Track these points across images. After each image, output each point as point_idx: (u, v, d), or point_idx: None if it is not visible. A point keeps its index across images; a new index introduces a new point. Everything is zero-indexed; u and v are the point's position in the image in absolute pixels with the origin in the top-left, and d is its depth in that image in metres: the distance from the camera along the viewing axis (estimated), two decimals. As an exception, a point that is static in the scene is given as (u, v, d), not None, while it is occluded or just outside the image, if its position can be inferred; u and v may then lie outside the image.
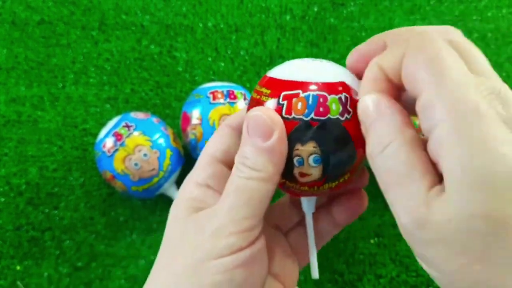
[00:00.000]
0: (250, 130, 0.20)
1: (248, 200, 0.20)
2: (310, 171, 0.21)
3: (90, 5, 0.54)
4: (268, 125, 0.20)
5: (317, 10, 0.54)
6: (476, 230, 0.15)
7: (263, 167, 0.20)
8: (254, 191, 0.20)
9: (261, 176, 0.20)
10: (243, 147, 0.21)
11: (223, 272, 0.19)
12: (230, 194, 0.21)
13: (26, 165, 0.48)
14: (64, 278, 0.44)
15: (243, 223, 0.20)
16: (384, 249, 0.45)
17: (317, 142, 0.20)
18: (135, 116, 0.43)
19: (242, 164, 0.21)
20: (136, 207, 0.47)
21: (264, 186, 0.20)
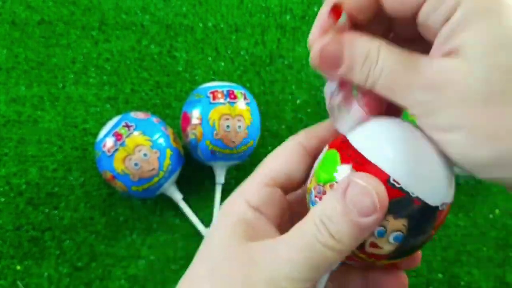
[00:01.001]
0: (349, 197, 0.18)
1: (316, 266, 0.18)
2: (384, 246, 0.19)
3: (90, 5, 0.54)
4: (374, 205, 0.17)
5: (317, 10, 0.54)
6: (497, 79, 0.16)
7: (345, 241, 0.18)
8: (325, 259, 0.18)
9: (339, 249, 0.18)
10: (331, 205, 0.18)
11: None
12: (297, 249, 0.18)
13: (26, 165, 0.48)
14: (64, 278, 0.44)
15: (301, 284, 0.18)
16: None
17: (409, 222, 0.18)
18: (135, 116, 0.43)
19: (323, 225, 0.18)
20: (136, 207, 0.47)
21: (337, 258, 0.18)
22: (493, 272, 0.43)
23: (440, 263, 0.44)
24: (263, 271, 0.18)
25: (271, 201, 0.21)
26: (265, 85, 0.51)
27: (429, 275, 0.43)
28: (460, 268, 0.43)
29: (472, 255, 0.44)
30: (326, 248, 0.18)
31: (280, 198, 0.22)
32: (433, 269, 0.44)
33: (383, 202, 0.18)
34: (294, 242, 0.19)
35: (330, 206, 0.18)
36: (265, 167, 0.22)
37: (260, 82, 0.51)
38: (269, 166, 0.22)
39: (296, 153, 0.22)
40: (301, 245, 0.18)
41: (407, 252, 0.20)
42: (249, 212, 0.21)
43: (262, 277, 0.18)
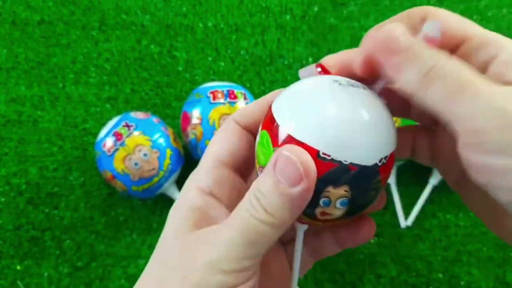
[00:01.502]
0: (277, 169, 0.18)
1: (253, 242, 0.18)
2: (333, 212, 0.20)
3: (90, 5, 0.54)
4: (299, 173, 0.18)
5: (317, 10, 0.54)
6: None
7: (278, 213, 0.18)
8: (261, 234, 0.18)
9: (273, 223, 0.18)
10: (263, 180, 0.18)
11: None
12: (234, 228, 0.19)
13: (26, 165, 0.48)
14: (64, 278, 0.44)
15: (240, 263, 0.18)
16: (384, 249, 0.45)
17: (351, 187, 0.19)
18: (135, 116, 0.43)
19: (256, 200, 0.18)
20: (136, 207, 0.47)
21: (273, 232, 0.18)
22: (493, 272, 0.43)
23: (440, 263, 0.44)
24: (204, 255, 0.19)
25: (222, 183, 0.21)
26: (265, 85, 0.51)
27: (429, 275, 0.43)
28: (460, 268, 0.43)
29: (472, 255, 0.44)
30: (260, 222, 0.18)
31: (231, 179, 0.22)
32: (433, 269, 0.44)
33: (308, 170, 0.18)
34: (231, 221, 0.19)
35: (262, 181, 0.18)
36: (210, 151, 0.22)
37: (260, 82, 0.51)
38: (213, 150, 0.22)
39: (234, 132, 0.22)
40: (237, 223, 0.19)
41: (361, 207, 0.20)
42: (199, 198, 0.21)
43: (204, 260, 0.18)
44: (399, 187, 0.45)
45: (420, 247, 0.44)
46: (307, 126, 0.18)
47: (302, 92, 0.20)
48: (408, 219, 0.45)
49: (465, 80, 0.16)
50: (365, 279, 0.44)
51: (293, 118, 0.19)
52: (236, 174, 0.22)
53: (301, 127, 0.19)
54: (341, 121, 0.18)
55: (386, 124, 0.19)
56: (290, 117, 0.19)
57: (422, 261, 0.44)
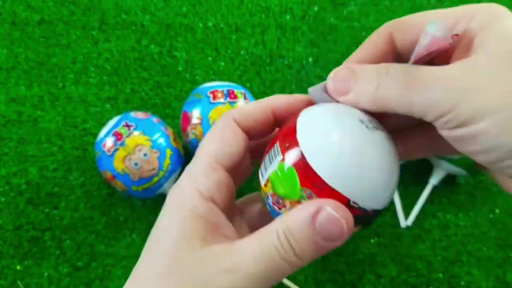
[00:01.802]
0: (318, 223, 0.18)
1: (271, 278, 0.19)
2: None
3: (90, 5, 0.54)
4: (342, 232, 0.18)
5: (317, 9, 0.54)
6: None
7: (308, 258, 0.19)
8: (281, 272, 0.19)
9: (299, 265, 0.19)
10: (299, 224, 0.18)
11: None
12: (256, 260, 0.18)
13: (26, 165, 0.48)
14: (64, 278, 0.44)
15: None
16: (384, 249, 0.45)
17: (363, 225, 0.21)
18: (135, 116, 0.43)
19: (287, 242, 0.18)
20: (136, 206, 0.47)
21: (291, 271, 0.19)
22: (493, 272, 0.43)
23: (440, 263, 0.44)
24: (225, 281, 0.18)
25: (222, 188, 0.21)
26: (265, 85, 0.51)
27: (429, 275, 0.43)
28: (460, 268, 0.43)
29: (472, 255, 0.44)
30: (286, 262, 0.18)
31: (229, 182, 0.22)
32: (433, 269, 0.44)
33: (350, 229, 0.19)
34: (253, 253, 0.19)
35: (298, 227, 0.18)
36: (207, 150, 0.22)
37: (260, 82, 0.51)
38: (211, 149, 0.22)
39: (232, 132, 0.22)
40: (261, 257, 0.18)
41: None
42: (201, 205, 0.20)
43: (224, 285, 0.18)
44: (399, 187, 0.45)
45: (420, 247, 0.44)
46: (342, 174, 0.19)
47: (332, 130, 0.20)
48: (408, 219, 0.45)
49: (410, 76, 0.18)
50: (365, 279, 0.44)
51: (327, 163, 0.19)
52: (229, 176, 0.22)
53: (336, 175, 0.19)
54: (372, 172, 0.19)
55: (397, 169, 0.21)
56: (324, 160, 0.19)
57: (422, 261, 0.44)
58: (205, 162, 0.21)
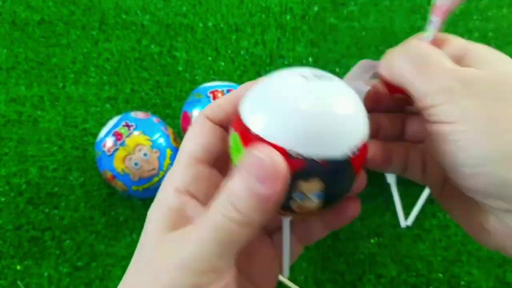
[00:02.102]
0: (248, 170, 0.18)
1: (222, 241, 0.18)
2: (309, 204, 0.19)
3: (90, 5, 0.54)
4: (270, 173, 0.18)
5: (317, 9, 0.54)
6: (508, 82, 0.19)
7: (249, 213, 0.18)
8: (233, 234, 0.18)
9: (245, 222, 0.18)
10: (234, 180, 0.18)
11: None
12: (205, 228, 0.18)
13: (26, 165, 0.48)
14: (64, 278, 0.44)
15: (211, 263, 0.18)
16: (384, 249, 0.45)
17: (323, 180, 0.19)
18: (135, 116, 0.43)
19: (228, 200, 0.18)
20: (136, 206, 0.47)
21: (245, 232, 0.18)
22: (493, 272, 0.43)
23: (440, 263, 0.44)
24: (176, 256, 0.18)
25: (198, 180, 0.21)
26: (265, 85, 0.51)
27: (429, 275, 0.43)
28: (460, 268, 0.43)
29: (472, 255, 0.44)
30: (232, 222, 0.18)
31: (207, 175, 0.22)
32: (433, 269, 0.44)
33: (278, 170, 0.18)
34: (203, 221, 0.19)
35: (233, 181, 0.18)
36: (183, 149, 0.22)
37: (260, 82, 0.51)
38: (187, 147, 0.22)
39: (206, 127, 0.22)
40: (208, 222, 0.18)
41: (337, 197, 0.20)
42: (176, 198, 0.21)
43: (175, 261, 0.18)
44: (399, 187, 0.45)
45: (420, 247, 0.44)
46: (275, 125, 0.18)
47: (268, 90, 0.20)
48: (408, 219, 0.45)
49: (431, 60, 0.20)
50: (365, 279, 0.44)
51: (260, 118, 0.19)
52: (213, 169, 0.22)
53: (268, 127, 0.19)
54: (307, 117, 0.18)
55: (354, 114, 0.19)
56: (258, 117, 0.19)
57: (422, 261, 0.44)
58: (182, 160, 0.22)
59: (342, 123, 0.19)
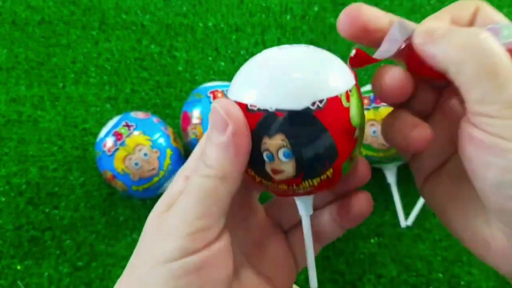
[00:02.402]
0: (210, 124, 0.19)
1: (202, 200, 0.18)
2: (282, 167, 0.19)
3: (90, 5, 0.54)
4: (223, 118, 0.18)
5: (317, 9, 0.54)
6: None
7: (218, 165, 0.18)
8: (208, 190, 0.18)
9: (216, 174, 0.18)
10: (203, 140, 0.20)
11: (174, 279, 0.18)
12: (187, 194, 0.19)
13: (26, 165, 0.48)
14: (64, 278, 0.44)
15: (195, 223, 0.18)
16: (384, 249, 0.45)
17: (286, 135, 0.18)
18: (135, 116, 0.43)
19: (201, 161, 0.19)
20: (137, 206, 0.47)
21: (220, 185, 0.19)
22: (494, 272, 0.43)
23: (440, 263, 0.44)
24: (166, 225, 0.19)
25: None
26: (265, 85, 0.51)
27: (429, 275, 0.43)
28: (460, 268, 0.43)
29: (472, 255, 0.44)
30: (205, 179, 0.19)
31: None
32: (433, 269, 0.44)
33: (230, 114, 0.18)
34: (185, 190, 0.19)
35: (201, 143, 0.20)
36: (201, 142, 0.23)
37: (260, 82, 0.51)
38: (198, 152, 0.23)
39: None
40: (190, 188, 0.19)
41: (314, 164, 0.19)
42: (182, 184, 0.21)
43: (164, 230, 0.19)
44: (399, 187, 0.45)
45: (420, 247, 0.44)
46: (240, 86, 0.20)
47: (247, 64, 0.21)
48: (408, 219, 0.45)
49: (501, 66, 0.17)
50: (365, 279, 0.44)
51: (233, 85, 0.21)
52: None
53: (235, 89, 0.20)
54: (264, 72, 0.19)
55: (318, 69, 0.19)
56: (232, 85, 0.21)
57: (422, 261, 0.44)
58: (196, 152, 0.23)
59: (303, 78, 0.19)
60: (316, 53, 0.20)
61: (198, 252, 0.18)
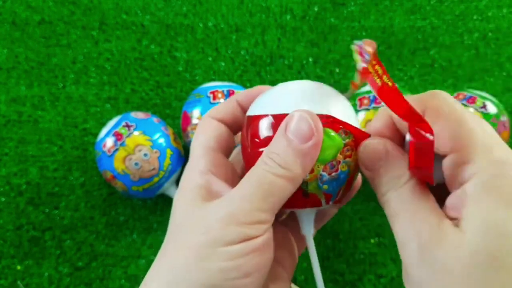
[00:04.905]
0: (290, 128, 0.20)
1: (268, 194, 0.20)
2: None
3: (91, 5, 0.54)
4: (311, 128, 0.20)
5: (317, 10, 0.54)
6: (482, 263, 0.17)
7: (292, 167, 0.20)
8: (276, 187, 0.20)
9: (288, 176, 0.20)
10: (275, 143, 0.21)
11: (231, 259, 0.19)
12: (249, 184, 0.20)
13: (27, 165, 0.48)
14: (64, 278, 0.44)
15: (257, 215, 0.20)
16: (385, 249, 0.45)
17: None
18: (135, 116, 0.43)
19: (270, 159, 0.20)
20: (137, 206, 0.47)
21: (287, 186, 0.20)
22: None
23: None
24: (221, 211, 0.20)
25: (217, 163, 0.24)
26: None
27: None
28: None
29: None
30: (275, 176, 0.20)
31: (223, 160, 0.24)
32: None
33: (318, 125, 0.20)
34: (247, 179, 0.21)
35: (274, 144, 0.21)
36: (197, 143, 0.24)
37: (260, 82, 0.51)
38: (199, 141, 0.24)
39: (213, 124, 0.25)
40: (253, 179, 0.20)
41: None
42: (200, 178, 0.22)
43: (221, 215, 0.20)
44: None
45: (420, 247, 0.44)
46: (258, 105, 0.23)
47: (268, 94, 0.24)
48: (408, 219, 0.45)
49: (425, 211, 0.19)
50: (365, 279, 0.44)
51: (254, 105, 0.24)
52: (225, 158, 0.25)
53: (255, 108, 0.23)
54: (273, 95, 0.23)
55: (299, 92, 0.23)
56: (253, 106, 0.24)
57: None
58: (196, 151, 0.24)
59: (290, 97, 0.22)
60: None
61: (253, 240, 0.20)
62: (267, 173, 0.20)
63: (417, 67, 0.52)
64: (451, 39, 0.53)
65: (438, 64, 0.52)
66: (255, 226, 0.20)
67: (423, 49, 0.53)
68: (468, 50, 0.53)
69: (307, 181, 0.21)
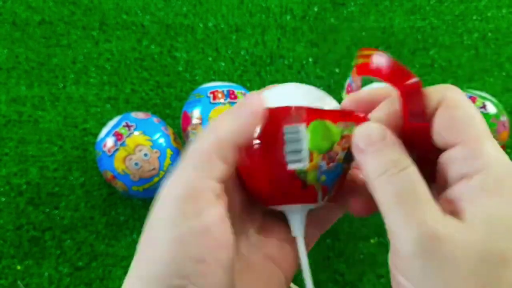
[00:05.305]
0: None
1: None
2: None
3: (91, 5, 0.54)
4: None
5: (317, 10, 0.54)
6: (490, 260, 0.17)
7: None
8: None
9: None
10: None
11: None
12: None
13: (27, 165, 0.48)
14: (64, 278, 0.44)
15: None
16: (384, 249, 0.45)
17: None
18: (135, 116, 0.43)
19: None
20: (137, 206, 0.47)
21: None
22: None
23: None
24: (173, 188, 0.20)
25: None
26: (265, 85, 0.51)
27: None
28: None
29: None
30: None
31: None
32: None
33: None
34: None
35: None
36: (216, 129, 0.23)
37: (260, 82, 0.51)
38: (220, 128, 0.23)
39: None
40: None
41: None
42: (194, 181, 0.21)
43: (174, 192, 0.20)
44: (399, 187, 0.45)
45: (420, 247, 0.44)
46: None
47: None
48: (408, 219, 0.45)
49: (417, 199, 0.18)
50: (365, 279, 0.44)
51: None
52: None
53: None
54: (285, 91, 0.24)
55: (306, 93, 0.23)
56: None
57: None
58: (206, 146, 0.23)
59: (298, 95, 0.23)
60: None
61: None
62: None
63: (417, 67, 0.52)
64: (450, 39, 0.53)
65: (437, 64, 0.52)
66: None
67: (423, 49, 0.53)
68: (467, 50, 0.53)
69: (307, 170, 0.21)
